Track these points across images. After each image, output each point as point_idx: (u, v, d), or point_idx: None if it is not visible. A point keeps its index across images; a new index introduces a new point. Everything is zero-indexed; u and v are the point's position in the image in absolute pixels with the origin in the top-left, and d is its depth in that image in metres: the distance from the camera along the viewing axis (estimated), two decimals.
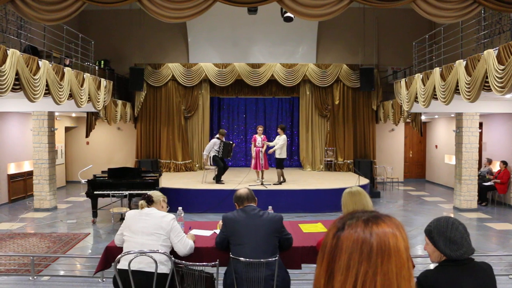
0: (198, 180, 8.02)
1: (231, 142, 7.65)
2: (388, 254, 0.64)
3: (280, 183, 7.52)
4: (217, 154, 7.46)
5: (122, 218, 6.26)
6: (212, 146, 7.45)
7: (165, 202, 2.76)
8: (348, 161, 10.20)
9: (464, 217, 6.75)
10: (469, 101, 4.95)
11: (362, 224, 0.66)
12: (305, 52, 10.19)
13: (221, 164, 7.68)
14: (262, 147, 7.51)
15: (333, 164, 10.18)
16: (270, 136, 10.09)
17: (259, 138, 7.51)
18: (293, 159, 11.15)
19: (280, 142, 7.35)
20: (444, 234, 1.37)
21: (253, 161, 7.67)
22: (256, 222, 2.38)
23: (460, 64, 5.19)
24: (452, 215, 6.96)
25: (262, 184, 7.33)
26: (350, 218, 0.69)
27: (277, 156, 7.42)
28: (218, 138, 7.60)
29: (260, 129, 7.59)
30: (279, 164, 7.49)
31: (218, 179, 7.72)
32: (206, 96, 10.28)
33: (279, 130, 7.55)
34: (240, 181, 7.67)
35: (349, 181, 7.93)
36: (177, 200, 6.61)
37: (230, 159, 11.60)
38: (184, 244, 2.53)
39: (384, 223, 0.67)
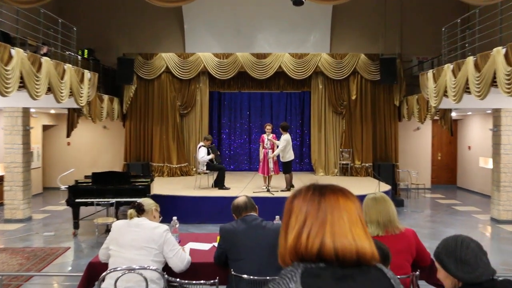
0: (197, 186, 8.02)
1: (213, 145, 7.87)
2: (338, 208, 0.80)
3: (288, 189, 7.54)
4: (210, 161, 7.61)
5: (108, 230, 6.18)
6: (204, 153, 7.59)
7: (157, 212, 2.77)
8: (367, 165, 10.18)
9: (504, 230, 6.63)
10: (508, 95, 4.85)
11: (316, 190, 0.85)
12: (317, 40, 10.17)
13: (218, 167, 7.74)
14: (271, 148, 7.48)
15: (349, 167, 10.20)
16: (278, 137, 10.06)
17: (267, 138, 7.51)
18: (304, 162, 11.19)
19: (280, 144, 7.34)
20: (453, 254, 1.30)
21: (260, 165, 7.67)
22: (259, 234, 2.37)
23: (499, 52, 5.06)
24: (489, 228, 6.87)
25: (268, 191, 7.31)
26: (310, 187, 0.86)
27: (281, 159, 7.44)
28: (203, 145, 7.67)
29: (268, 127, 7.54)
30: (286, 168, 7.52)
31: (221, 184, 7.74)
32: (204, 90, 10.32)
33: (280, 130, 7.58)
34: (243, 186, 7.66)
35: (367, 187, 7.92)
36: (172, 209, 6.63)
37: (232, 163, 11.49)
38: (181, 258, 2.51)
39: (334, 191, 0.84)
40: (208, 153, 7.64)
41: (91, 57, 9.46)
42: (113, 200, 6.10)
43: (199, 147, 7.78)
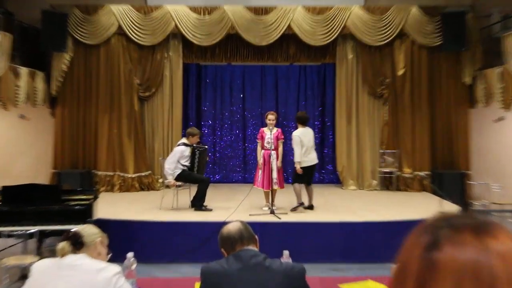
0: (164, 206, 8.06)
1: (206, 147, 8.13)
2: None
3: (302, 206, 7.80)
4: (186, 169, 7.80)
5: (24, 276, 5.92)
6: (178, 158, 7.72)
7: (104, 246, 2.86)
8: (422, 174, 10.20)
9: None
10: None
11: (471, 237, 0.76)
12: None
13: (199, 178, 7.81)
14: (275, 149, 7.70)
15: (395, 178, 10.27)
16: (287, 132, 10.29)
17: (269, 134, 7.65)
18: (326, 170, 11.51)
19: (294, 145, 7.76)
20: None
21: (259, 173, 7.82)
22: (260, 277, 2.46)
23: None
24: None
25: (272, 212, 7.35)
26: (446, 225, 0.80)
27: (296, 161, 7.84)
28: (185, 143, 7.84)
29: (271, 117, 7.77)
30: (298, 175, 7.81)
31: (199, 204, 7.77)
32: (176, 62, 10.40)
33: (297, 123, 8.05)
34: (235, 207, 7.56)
35: (424, 208, 7.95)
36: (126, 241, 6.71)
37: (218, 171, 11.59)
38: None
39: (502, 234, 0.77)
40: (194, 157, 7.75)
41: (0, 10, 9.20)
42: (35, 229, 5.96)
43: (177, 145, 7.86)
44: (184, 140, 7.92)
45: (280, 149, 7.79)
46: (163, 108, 10.36)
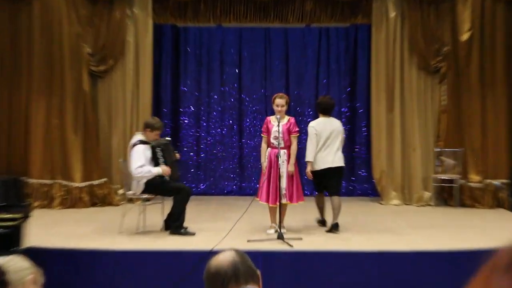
0: (126, 228, 8.09)
1: (167, 139, 8.43)
2: None
3: (321, 223, 8.19)
4: (159, 176, 7.89)
5: None
6: (145, 158, 7.87)
7: (37, 286, 2.94)
8: (496, 183, 10.20)
9: None
10: None
11: None
12: None
13: (175, 188, 7.86)
14: (286, 147, 7.84)
15: (457, 189, 10.29)
16: (302, 121, 9.99)
17: (277, 125, 7.74)
18: (357, 177, 11.62)
19: (308, 134, 8.09)
20: None
21: (263, 180, 7.90)
22: None
23: None
24: None
25: (280, 238, 7.34)
26: None
27: (312, 166, 8.13)
28: (142, 141, 7.93)
29: (279, 102, 7.90)
30: (316, 183, 8.24)
31: (176, 225, 7.79)
32: (144, 22, 10.48)
33: (318, 112, 8.35)
34: (227, 230, 7.48)
35: (500, 233, 7.92)
36: (69, 279, 6.70)
37: (204, 178, 11.73)
38: None
39: None
40: (155, 158, 7.81)
41: None
42: None
43: (133, 145, 7.88)
44: (139, 136, 8.00)
45: (294, 146, 7.79)
46: (125, 88, 10.38)
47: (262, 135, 8.06)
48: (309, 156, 7.95)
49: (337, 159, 7.97)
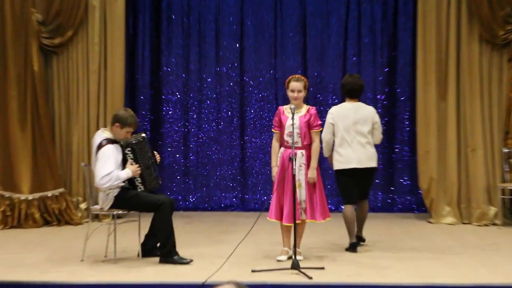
0: (91, 254, 8.00)
1: (142, 135, 8.36)
2: None
3: (353, 247, 8.14)
4: (129, 187, 7.95)
5: None
6: (116, 162, 7.88)
7: None
8: None
9: None
10: None
11: None
12: None
13: (155, 202, 7.81)
14: (304, 146, 7.90)
15: None
16: (324, 112, 10.01)
17: (289, 118, 7.81)
18: (398, 185, 11.70)
19: (326, 120, 8.32)
20: None
21: (274, 190, 7.92)
22: None
23: None
24: None
25: (295, 267, 7.27)
26: None
27: (333, 165, 8.36)
28: (111, 139, 7.97)
29: (295, 86, 7.89)
30: (341, 189, 8.42)
31: (167, 252, 7.78)
32: None
33: (344, 96, 8.57)
34: (225, 256, 7.37)
35: None
36: None
37: (195, 188, 11.60)
38: None
39: None
40: (125, 161, 7.87)
41: None
42: None
43: (99, 145, 7.87)
44: (105, 133, 7.95)
45: (316, 145, 7.83)
46: (88, 68, 10.51)
47: (273, 130, 8.04)
48: (325, 152, 8.17)
49: (365, 158, 7.98)
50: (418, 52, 10.57)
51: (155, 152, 8.25)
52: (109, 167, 7.57)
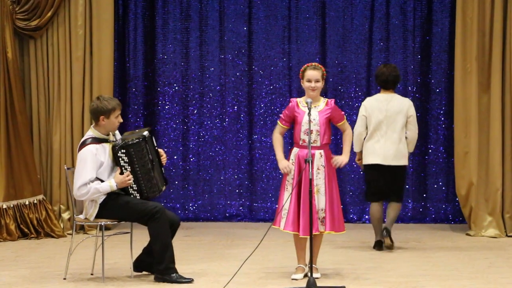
0: (75, 271, 8.02)
1: (145, 133, 8.08)
2: None
3: (379, 245, 8.58)
4: (121, 193, 7.79)
5: None
6: (96, 167, 7.75)
7: None
8: None
9: None
10: None
11: None
12: None
13: (149, 210, 7.69)
14: (323, 145, 7.82)
15: None
16: (346, 106, 9.93)
17: (306, 113, 7.76)
18: (431, 191, 11.69)
19: (359, 113, 8.68)
20: None
21: (284, 196, 7.81)
22: None
23: None
24: None
25: (312, 285, 7.26)
26: None
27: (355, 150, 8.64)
28: (95, 138, 7.85)
29: (313, 75, 7.82)
30: (369, 187, 8.84)
31: (163, 269, 7.70)
32: None
33: (380, 87, 8.77)
34: (231, 274, 7.38)
35: None
36: None
37: (196, 194, 11.94)
38: None
39: None
40: (119, 165, 7.74)
41: None
42: None
43: (80, 148, 7.78)
44: (92, 131, 7.85)
45: (349, 131, 7.85)
46: (71, 56, 10.51)
47: (279, 122, 7.94)
48: (355, 146, 8.36)
49: (392, 155, 7.99)
50: (457, 35, 10.47)
51: (160, 150, 8.05)
52: (86, 175, 7.51)
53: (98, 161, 7.59)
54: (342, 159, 7.63)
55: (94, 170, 7.54)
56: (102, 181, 7.62)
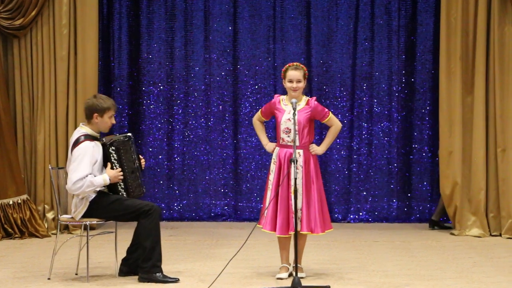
0: (59, 272, 7.98)
1: (128, 135, 8.17)
2: None
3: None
4: (105, 190, 7.82)
5: None
6: (92, 163, 7.76)
7: None
8: None
9: None
10: None
11: None
12: None
13: (138, 208, 7.66)
14: (303, 145, 7.81)
15: None
16: (331, 106, 9.96)
17: (286, 112, 7.84)
18: (415, 190, 11.75)
19: None
20: None
21: (268, 196, 7.87)
22: None
23: None
24: None
25: (297, 285, 7.24)
26: None
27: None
28: (89, 136, 7.81)
29: (294, 76, 7.82)
30: None
31: (149, 267, 7.63)
32: None
33: None
34: (215, 274, 7.40)
35: None
36: None
37: (182, 194, 11.89)
38: None
39: None
40: (110, 162, 7.77)
41: None
42: None
43: (75, 142, 7.73)
44: (84, 128, 7.79)
45: (336, 126, 7.83)
46: (55, 55, 10.49)
47: (260, 111, 8.07)
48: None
49: None
50: (441, 35, 10.49)
51: (140, 155, 8.10)
52: (84, 170, 7.42)
53: (94, 157, 7.60)
54: (316, 149, 7.69)
55: (91, 166, 7.53)
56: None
